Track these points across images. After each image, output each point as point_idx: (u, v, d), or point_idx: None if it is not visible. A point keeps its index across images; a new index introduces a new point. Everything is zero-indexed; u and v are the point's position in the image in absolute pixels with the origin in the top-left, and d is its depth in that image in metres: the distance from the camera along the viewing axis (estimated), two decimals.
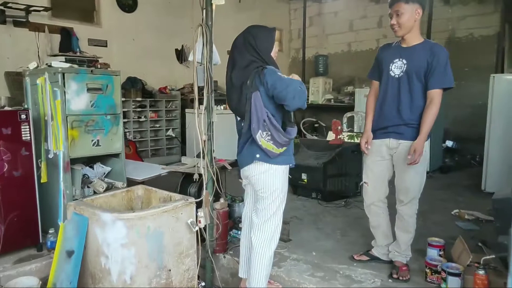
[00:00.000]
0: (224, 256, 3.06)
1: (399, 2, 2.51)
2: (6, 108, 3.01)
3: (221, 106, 6.30)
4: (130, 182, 3.60)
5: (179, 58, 7.83)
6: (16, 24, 5.66)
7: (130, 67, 6.79)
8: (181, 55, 7.82)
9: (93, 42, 6.60)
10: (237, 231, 3.38)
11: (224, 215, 3.02)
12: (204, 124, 2.81)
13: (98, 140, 3.29)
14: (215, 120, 2.80)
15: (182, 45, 7.80)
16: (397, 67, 2.62)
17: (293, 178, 3.94)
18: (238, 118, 2.40)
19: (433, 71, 2.47)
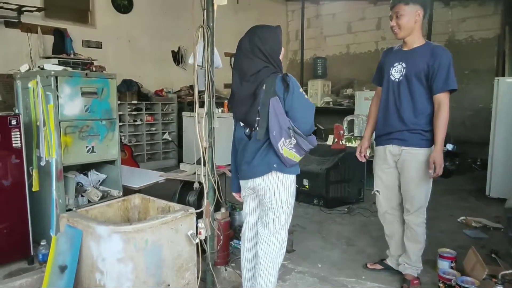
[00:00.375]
0: (226, 269, 2.92)
1: (399, 4, 2.45)
2: None
3: (219, 109, 6.16)
4: (126, 190, 3.45)
5: (176, 60, 7.69)
6: (8, 25, 5.49)
7: (126, 69, 6.64)
8: (178, 57, 7.67)
9: (88, 44, 6.44)
10: (238, 241, 3.23)
11: (226, 226, 2.89)
12: (205, 130, 2.67)
13: (93, 147, 3.14)
14: (217, 126, 2.66)
15: (179, 47, 7.66)
16: (397, 71, 2.56)
17: None
18: (241, 124, 2.20)
19: (436, 75, 2.40)
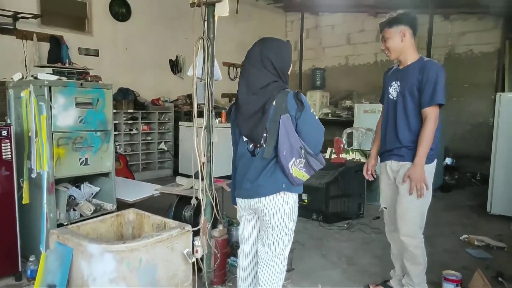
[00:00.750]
0: None
1: (385, 28, 2.51)
2: None
3: (217, 120, 6.06)
4: (120, 204, 3.34)
5: (173, 69, 7.61)
6: (3, 31, 5.42)
7: (122, 78, 6.57)
8: (176, 66, 7.60)
9: (84, 51, 6.35)
10: (235, 259, 3.12)
11: (223, 244, 2.78)
12: (203, 144, 2.58)
13: (87, 159, 3.03)
14: (216, 141, 2.57)
15: (177, 56, 7.59)
16: (394, 90, 2.57)
17: None
18: (244, 139, 2.07)
19: (423, 89, 2.38)
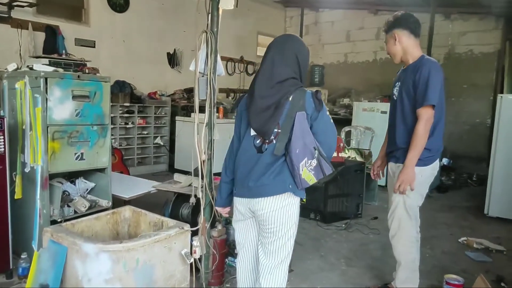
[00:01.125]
0: None
1: (384, 33, 2.55)
2: None
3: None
4: (115, 200, 3.27)
5: (171, 63, 7.50)
6: None
7: (119, 70, 6.45)
8: (173, 59, 7.49)
9: (80, 42, 6.22)
10: (233, 259, 3.06)
11: (222, 244, 2.71)
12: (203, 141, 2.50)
13: (82, 153, 2.94)
14: (217, 138, 2.50)
15: (174, 49, 7.47)
16: (396, 90, 2.56)
17: None
18: (252, 133, 1.94)
19: (417, 89, 2.34)
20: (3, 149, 2.65)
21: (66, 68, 3.01)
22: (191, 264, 2.43)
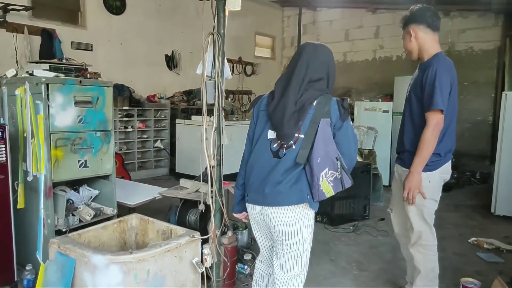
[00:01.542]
0: None
1: (401, 28, 2.43)
2: None
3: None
4: (120, 207, 3.18)
5: (169, 65, 7.41)
6: None
7: (117, 73, 6.36)
8: (171, 62, 7.40)
9: (77, 46, 6.13)
10: (243, 265, 3.00)
11: (233, 251, 2.65)
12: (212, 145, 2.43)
13: (86, 161, 2.86)
14: (226, 143, 2.43)
15: (173, 51, 7.39)
16: (408, 88, 2.48)
17: None
18: (269, 136, 1.86)
19: (424, 89, 2.23)
20: (5, 158, 2.56)
21: (67, 73, 2.93)
22: (202, 273, 2.36)
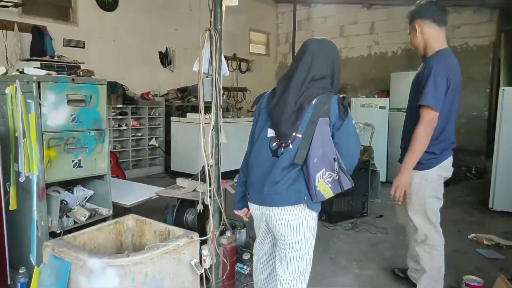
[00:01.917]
0: None
1: (408, 23, 2.42)
2: None
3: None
4: (115, 207, 3.11)
5: (163, 62, 7.32)
6: None
7: (110, 71, 6.26)
8: (165, 59, 7.31)
9: (69, 43, 6.01)
10: (242, 265, 2.95)
11: (232, 252, 2.59)
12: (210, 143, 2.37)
13: (80, 161, 2.79)
14: (224, 141, 2.37)
15: (166, 48, 7.30)
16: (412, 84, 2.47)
17: None
18: (268, 135, 1.83)
19: (420, 87, 2.24)
20: None
21: (59, 71, 2.85)
22: (201, 275, 2.30)
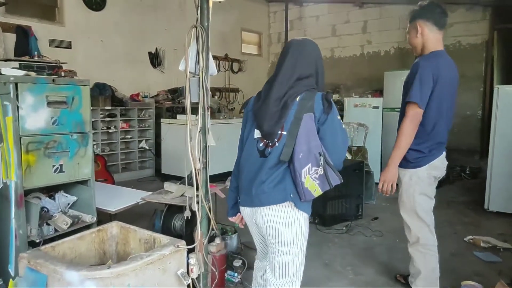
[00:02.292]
0: None
1: (408, 21, 2.46)
2: None
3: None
4: (100, 213, 2.98)
5: (153, 62, 7.18)
6: None
7: (98, 72, 6.12)
8: (155, 59, 7.17)
9: (55, 43, 5.85)
10: (233, 273, 2.84)
11: (221, 260, 2.48)
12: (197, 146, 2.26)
13: (61, 165, 2.65)
14: (213, 144, 2.25)
15: (156, 48, 7.16)
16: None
17: None
18: (255, 136, 1.82)
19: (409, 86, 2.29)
20: None
21: (39, 72, 2.72)
22: (188, 285, 2.19)
